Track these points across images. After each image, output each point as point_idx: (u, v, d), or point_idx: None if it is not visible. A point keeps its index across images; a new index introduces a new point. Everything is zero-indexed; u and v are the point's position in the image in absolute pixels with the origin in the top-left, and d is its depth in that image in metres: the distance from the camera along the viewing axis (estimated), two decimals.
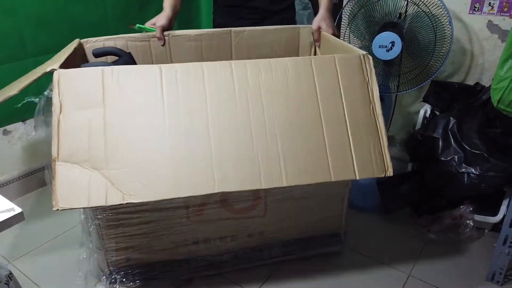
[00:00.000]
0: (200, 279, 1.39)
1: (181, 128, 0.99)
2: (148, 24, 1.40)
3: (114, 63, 1.24)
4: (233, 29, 1.44)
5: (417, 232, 1.61)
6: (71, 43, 1.24)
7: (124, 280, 1.30)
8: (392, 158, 2.06)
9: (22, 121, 1.79)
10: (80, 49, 1.32)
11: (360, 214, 1.77)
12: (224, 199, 1.24)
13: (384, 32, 1.53)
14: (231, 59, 1.47)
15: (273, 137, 1.01)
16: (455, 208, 1.56)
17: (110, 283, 1.29)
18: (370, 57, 1.15)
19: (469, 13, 1.68)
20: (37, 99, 1.09)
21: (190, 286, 1.38)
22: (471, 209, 1.53)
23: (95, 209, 1.12)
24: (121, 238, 1.22)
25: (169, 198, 0.97)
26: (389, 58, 1.56)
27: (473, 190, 1.48)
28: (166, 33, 1.38)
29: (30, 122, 1.82)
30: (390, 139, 2.07)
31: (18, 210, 0.65)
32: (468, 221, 1.54)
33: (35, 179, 1.89)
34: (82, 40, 1.32)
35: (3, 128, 1.74)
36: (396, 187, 1.71)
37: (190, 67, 1.05)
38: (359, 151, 1.05)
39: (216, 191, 0.97)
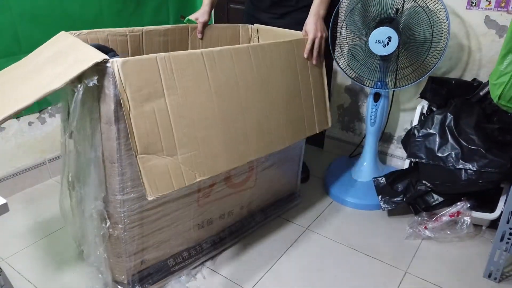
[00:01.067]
0: (209, 261, 1.46)
1: (225, 107, 1.14)
2: (192, 17, 1.61)
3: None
4: (190, 25, 1.60)
5: (414, 229, 1.60)
6: (58, 35, 1.23)
7: (145, 284, 1.29)
8: (388, 155, 2.08)
9: (16, 118, 1.78)
10: None
11: (357, 211, 1.76)
12: (228, 176, 1.39)
13: (381, 27, 1.53)
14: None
15: (277, 107, 1.29)
16: (452, 204, 1.55)
17: None
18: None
19: (466, 9, 1.67)
20: None
21: (204, 273, 1.42)
22: (468, 205, 1.52)
23: (123, 211, 1.16)
24: (141, 240, 1.25)
25: (228, 169, 1.16)
26: (385, 53, 1.56)
27: (470, 186, 1.47)
28: (139, 28, 1.44)
29: (24, 119, 1.81)
30: (387, 136, 2.06)
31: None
32: (465, 218, 1.53)
33: (30, 176, 1.88)
34: (66, 33, 1.30)
35: None
36: (393, 184, 1.70)
37: (224, 52, 1.15)
38: (318, 112, 1.46)
39: (257, 156, 1.21)
